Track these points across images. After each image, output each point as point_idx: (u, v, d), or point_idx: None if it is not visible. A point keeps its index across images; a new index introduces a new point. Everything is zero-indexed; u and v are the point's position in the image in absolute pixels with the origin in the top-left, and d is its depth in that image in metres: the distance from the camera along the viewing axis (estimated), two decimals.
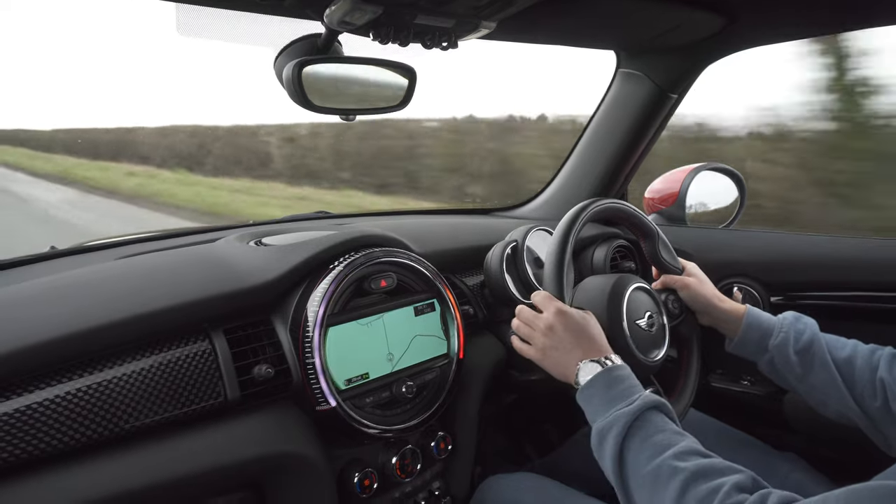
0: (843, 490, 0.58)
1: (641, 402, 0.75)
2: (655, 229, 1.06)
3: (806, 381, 0.94)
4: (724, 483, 0.64)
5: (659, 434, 0.72)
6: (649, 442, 0.72)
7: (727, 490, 0.63)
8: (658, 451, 0.70)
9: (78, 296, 0.83)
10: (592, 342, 0.85)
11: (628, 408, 0.75)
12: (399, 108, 0.99)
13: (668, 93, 1.44)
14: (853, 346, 0.93)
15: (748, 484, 0.64)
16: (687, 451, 0.70)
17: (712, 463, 0.68)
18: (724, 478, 0.65)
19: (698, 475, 0.66)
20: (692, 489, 0.65)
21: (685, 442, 0.71)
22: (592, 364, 0.82)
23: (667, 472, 0.68)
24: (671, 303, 1.05)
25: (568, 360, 0.85)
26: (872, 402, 0.87)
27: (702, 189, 1.53)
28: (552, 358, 0.87)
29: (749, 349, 0.99)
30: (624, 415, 0.74)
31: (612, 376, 0.80)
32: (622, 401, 0.76)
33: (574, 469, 1.14)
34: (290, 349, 0.89)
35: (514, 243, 1.17)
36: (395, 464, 0.97)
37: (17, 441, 0.68)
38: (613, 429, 0.74)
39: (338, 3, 0.78)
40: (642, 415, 0.74)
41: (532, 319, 0.91)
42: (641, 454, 0.71)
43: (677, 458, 0.69)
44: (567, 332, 0.86)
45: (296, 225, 1.30)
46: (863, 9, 1.12)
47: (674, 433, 0.73)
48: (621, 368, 0.82)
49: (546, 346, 0.87)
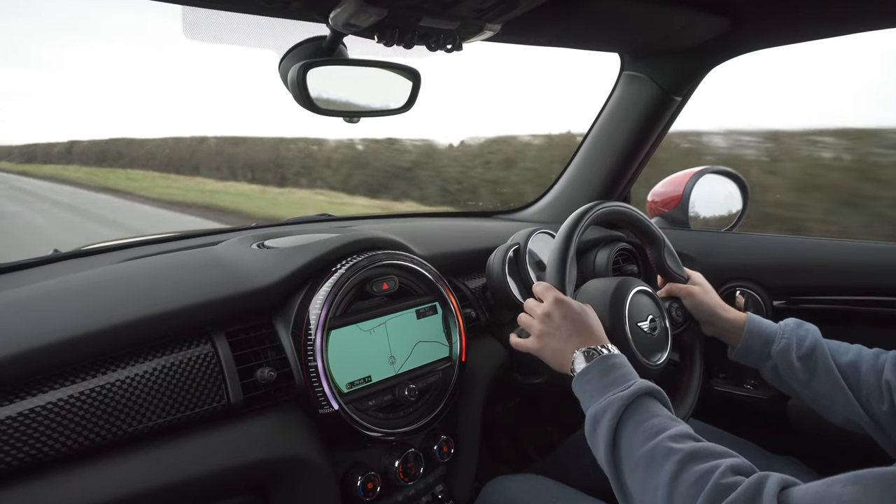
0: (848, 474, 0.57)
1: (636, 387, 0.75)
2: (661, 236, 1.06)
3: (810, 387, 0.93)
4: (719, 464, 0.63)
5: (654, 418, 0.72)
6: (644, 426, 0.71)
7: (723, 470, 0.62)
8: (652, 435, 0.69)
9: (80, 299, 0.83)
10: (590, 332, 0.85)
11: (622, 392, 0.74)
12: (403, 110, 0.99)
13: (673, 95, 1.44)
14: (857, 350, 0.93)
15: (745, 467, 0.63)
16: (681, 435, 0.69)
17: (708, 445, 0.67)
18: (720, 459, 0.64)
19: (693, 456, 0.65)
20: (687, 469, 0.64)
21: (680, 426, 0.71)
22: (589, 352, 0.82)
23: (662, 454, 0.67)
24: (675, 311, 1.05)
25: (564, 348, 0.84)
26: (879, 405, 0.87)
27: (705, 192, 1.53)
28: (549, 346, 0.87)
29: (752, 357, 0.99)
30: (618, 399, 0.74)
31: (607, 364, 0.80)
32: (617, 386, 0.76)
33: (575, 470, 1.13)
34: (293, 352, 0.89)
35: (516, 246, 1.17)
36: (397, 467, 0.96)
37: (20, 445, 0.68)
38: (607, 413, 0.73)
39: (343, 6, 0.77)
40: (637, 400, 0.74)
41: (532, 307, 0.91)
42: (635, 437, 0.71)
43: (672, 440, 0.68)
44: (565, 321, 0.86)
45: (298, 227, 1.30)
46: (869, 11, 1.11)
47: (668, 418, 0.72)
48: (617, 357, 0.81)
49: (543, 333, 0.87)
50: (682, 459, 0.65)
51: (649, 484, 0.67)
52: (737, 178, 1.56)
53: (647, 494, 0.67)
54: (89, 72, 28.85)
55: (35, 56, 38.38)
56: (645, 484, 0.67)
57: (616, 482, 0.72)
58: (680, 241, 1.34)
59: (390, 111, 0.99)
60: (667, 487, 0.64)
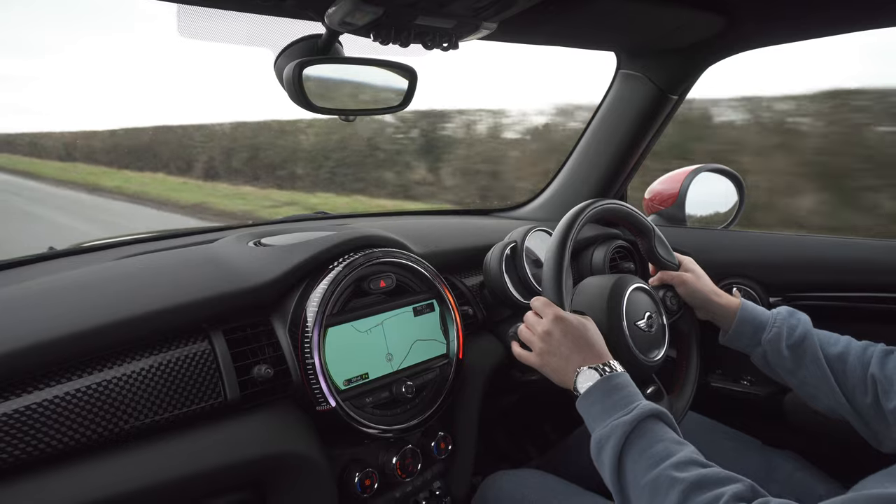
0: (842, 497, 0.58)
1: (639, 411, 0.75)
2: (651, 226, 1.06)
3: (796, 376, 0.94)
4: (723, 493, 0.64)
5: (658, 444, 0.72)
6: (648, 452, 0.71)
7: (726, 500, 0.63)
8: (656, 462, 0.70)
9: (77, 296, 0.83)
10: (591, 348, 0.85)
11: (626, 417, 0.74)
12: (399, 108, 0.99)
13: (669, 94, 1.44)
14: (846, 342, 0.94)
15: (747, 493, 0.64)
16: (685, 461, 0.69)
17: (711, 472, 0.67)
18: (722, 488, 0.65)
19: (697, 486, 0.65)
20: (691, 500, 0.65)
21: (684, 452, 0.71)
22: (591, 371, 0.82)
23: (665, 483, 0.67)
24: (669, 299, 1.06)
25: (566, 366, 0.84)
26: (863, 398, 0.88)
27: (701, 190, 1.53)
28: (551, 364, 0.87)
29: (742, 342, 1.00)
30: (622, 424, 0.74)
31: (610, 385, 0.80)
32: (620, 409, 0.76)
33: (573, 466, 1.14)
34: (290, 349, 0.89)
35: (513, 244, 1.18)
36: (395, 464, 0.97)
37: (16, 441, 0.68)
38: (612, 438, 0.74)
39: (339, 4, 0.77)
40: (640, 424, 0.74)
41: (532, 324, 0.91)
42: (639, 464, 0.71)
43: (676, 469, 0.68)
44: (565, 339, 0.86)
45: (295, 225, 1.30)
46: (865, 10, 1.12)
47: (672, 442, 0.73)
48: (620, 376, 0.81)
49: (544, 351, 0.87)
50: (685, 490, 0.65)
51: None
52: (732, 176, 1.56)
53: None
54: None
55: None
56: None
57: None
58: (677, 238, 1.34)
59: (386, 109, 0.99)
60: None
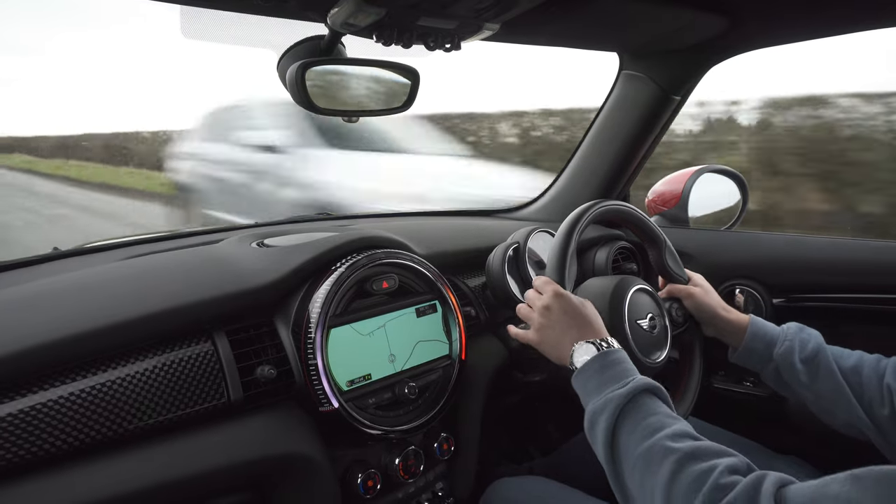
0: (846, 473, 0.57)
1: (634, 384, 0.74)
2: (663, 237, 1.05)
3: (812, 389, 0.93)
4: (717, 464, 0.63)
5: (651, 416, 0.71)
6: (642, 424, 0.71)
7: (721, 470, 0.62)
8: (650, 433, 0.69)
9: (81, 297, 0.83)
10: (589, 324, 0.85)
11: (621, 390, 0.74)
12: (402, 109, 0.99)
13: (671, 95, 1.44)
14: (858, 355, 0.93)
15: (742, 467, 0.63)
16: (680, 434, 0.69)
17: (706, 444, 0.67)
18: (717, 459, 0.64)
19: (691, 456, 0.65)
20: (685, 469, 0.64)
21: (678, 425, 0.70)
22: (588, 345, 0.81)
23: (659, 453, 0.67)
24: (675, 311, 1.05)
25: (563, 340, 0.84)
26: (881, 410, 0.87)
27: (704, 191, 1.53)
28: (548, 338, 0.87)
29: (753, 359, 0.99)
30: (616, 397, 0.73)
31: (607, 360, 0.79)
32: (615, 383, 0.76)
33: (576, 469, 1.13)
34: (293, 350, 0.90)
35: (515, 245, 1.18)
36: (398, 465, 0.97)
37: (21, 442, 0.68)
38: (605, 411, 0.73)
39: (341, 5, 0.78)
40: (635, 397, 0.74)
41: (532, 299, 0.91)
42: (633, 436, 0.70)
43: (670, 440, 0.67)
44: (564, 315, 0.86)
45: (298, 226, 1.30)
46: (868, 10, 1.11)
47: (666, 416, 0.72)
48: (617, 352, 0.81)
49: (542, 325, 0.87)
50: (679, 459, 0.65)
51: (647, 483, 0.66)
52: (735, 177, 1.56)
53: (646, 494, 0.66)
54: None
55: None
56: (643, 483, 0.67)
57: (615, 480, 0.72)
58: (680, 239, 1.34)
59: (389, 110, 0.99)
60: (665, 487, 0.64)
